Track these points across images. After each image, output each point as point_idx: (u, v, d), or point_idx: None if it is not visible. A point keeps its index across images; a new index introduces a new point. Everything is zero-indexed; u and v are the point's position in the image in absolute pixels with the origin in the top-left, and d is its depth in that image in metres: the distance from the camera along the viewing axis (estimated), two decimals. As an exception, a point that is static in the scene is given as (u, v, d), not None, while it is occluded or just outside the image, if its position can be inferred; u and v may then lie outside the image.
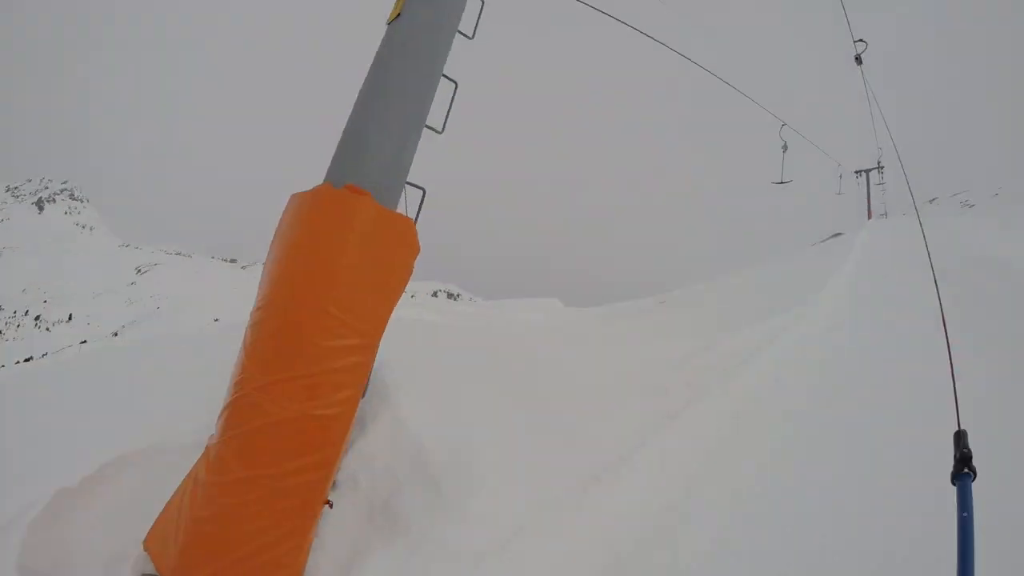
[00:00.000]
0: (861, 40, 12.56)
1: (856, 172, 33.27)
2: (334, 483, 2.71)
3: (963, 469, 1.56)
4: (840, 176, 27.86)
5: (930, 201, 29.49)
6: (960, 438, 1.67)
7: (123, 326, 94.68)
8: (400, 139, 2.85)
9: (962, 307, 6.86)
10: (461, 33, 3.27)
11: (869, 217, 32.21)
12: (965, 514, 1.40)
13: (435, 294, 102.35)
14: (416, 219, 2.91)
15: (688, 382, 4.29)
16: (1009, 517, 2.52)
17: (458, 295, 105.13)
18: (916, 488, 3.02)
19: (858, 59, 12.76)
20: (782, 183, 15.52)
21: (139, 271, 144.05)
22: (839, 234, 27.02)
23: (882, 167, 32.93)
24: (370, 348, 2.58)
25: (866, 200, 32.72)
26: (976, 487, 1.52)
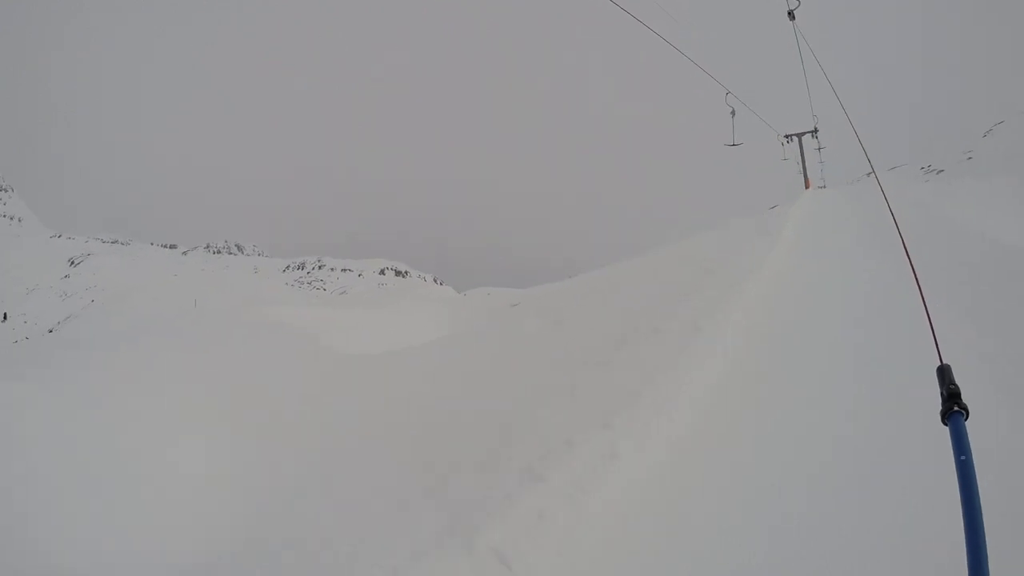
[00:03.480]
0: None
1: (786, 136, 29.83)
2: None
3: (953, 407, 1.42)
4: (782, 143, 26.67)
5: (890, 168, 28.70)
6: (944, 373, 1.54)
7: (58, 322, 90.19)
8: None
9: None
10: None
11: (806, 187, 29.95)
12: (963, 457, 1.24)
13: (383, 271, 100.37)
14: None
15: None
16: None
17: (406, 272, 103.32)
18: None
19: (791, 14, 12.63)
20: (734, 145, 17.67)
21: (72, 263, 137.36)
22: (775, 206, 26.82)
23: (817, 131, 30.26)
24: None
25: (801, 168, 30.42)
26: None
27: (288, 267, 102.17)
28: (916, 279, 2.39)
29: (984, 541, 1.06)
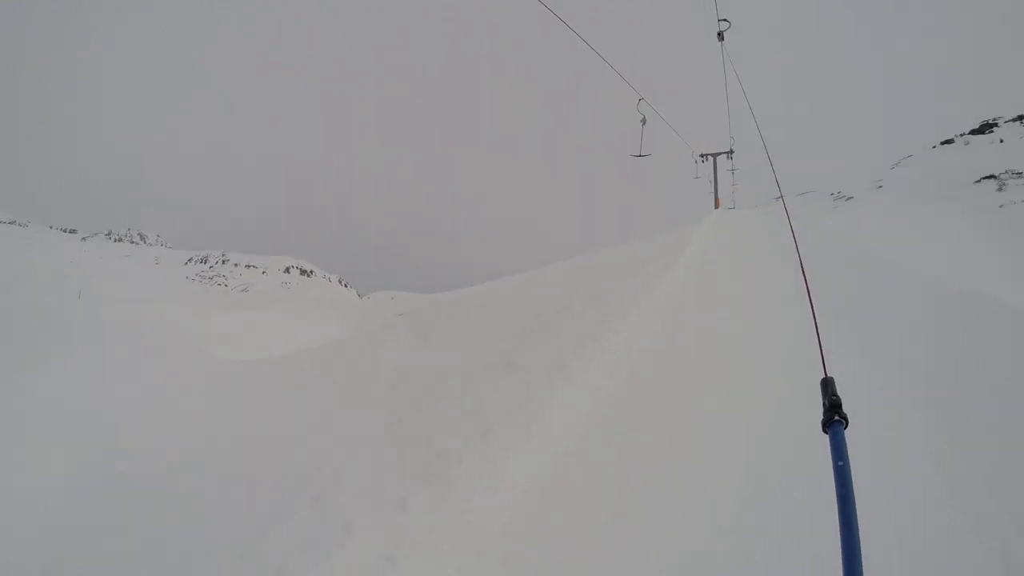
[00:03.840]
0: (725, 20, 12.51)
1: (701, 156, 30.14)
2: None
3: (834, 417, 1.45)
4: (695, 161, 26.66)
5: (799, 194, 29.23)
6: (827, 385, 1.58)
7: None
8: None
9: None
10: None
11: (716, 207, 30.14)
12: (841, 463, 1.30)
13: (287, 270, 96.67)
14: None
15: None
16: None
17: (311, 272, 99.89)
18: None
19: (720, 36, 12.79)
20: (641, 155, 15.23)
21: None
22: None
23: (732, 152, 30.52)
24: None
25: (713, 188, 30.52)
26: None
27: (191, 259, 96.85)
28: (808, 295, 2.38)
29: (858, 539, 1.15)
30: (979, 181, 18.06)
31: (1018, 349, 4.97)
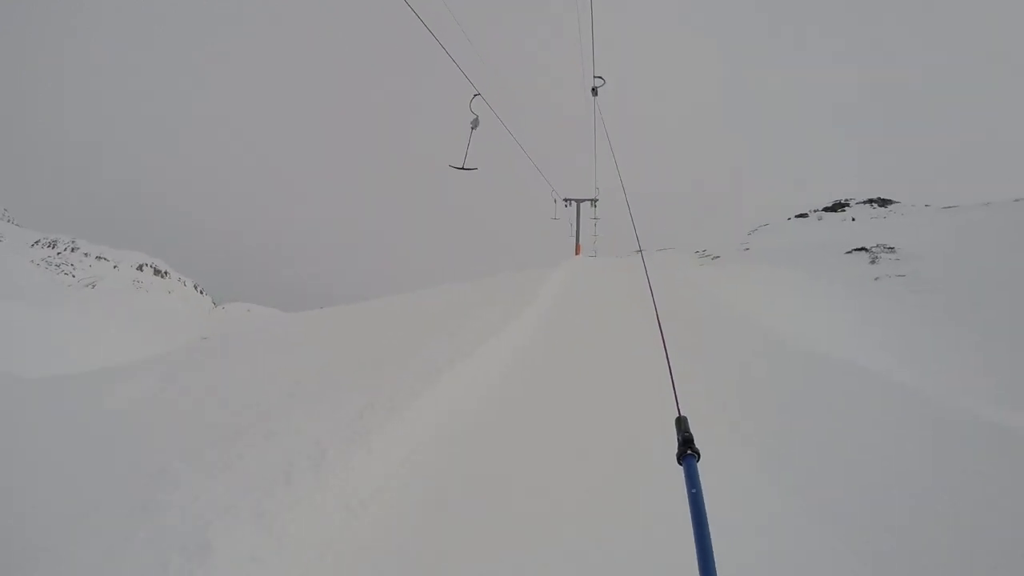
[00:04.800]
0: (600, 77, 13.53)
1: (565, 200, 30.00)
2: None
3: (687, 451, 1.64)
4: (554, 200, 26.32)
5: (659, 250, 29.45)
6: (681, 423, 1.79)
7: None
8: None
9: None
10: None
11: (576, 253, 30.00)
12: (694, 490, 1.47)
13: (141, 267, 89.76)
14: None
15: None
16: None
17: (166, 273, 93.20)
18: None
19: (594, 91, 13.95)
20: (463, 169, 11.41)
21: None
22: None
23: (596, 200, 30.72)
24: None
25: (575, 234, 30.42)
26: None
27: (38, 242, 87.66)
28: (663, 342, 2.60)
29: (712, 556, 1.31)
30: (850, 252, 18.44)
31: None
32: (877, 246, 18.15)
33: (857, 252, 18.25)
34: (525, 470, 4.23)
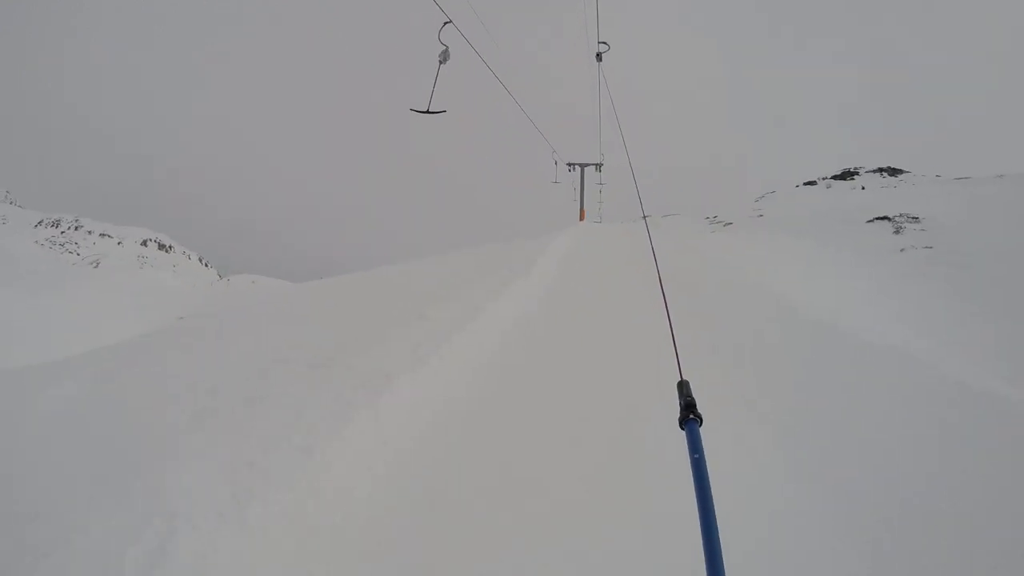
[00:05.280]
0: (604, 42, 13.44)
1: (569, 165, 29.32)
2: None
3: (689, 415, 1.60)
4: (555, 163, 25.57)
5: (664, 216, 28.63)
6: (683, 387, 1.74)
7: None
8: None
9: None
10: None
11: (581, 219, 29.22)
12: (696, 456, 1.45)
13: (145, 243, 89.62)
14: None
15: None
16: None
17: (170, 247, 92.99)
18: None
19: (599, 56, 13.91)
20: (429, 112, 9.14)
21: None
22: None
23: (601, 165, 29.96)
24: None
25: (579, 199, 29.69)
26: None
27: (41, 222, 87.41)
28: (666, 305, 2.46)
29: (715, 522, 1.28)
30: (872, 221, 17.57)
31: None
32: (900, 215, 17.35)
33: (879, 221, 17.31)
34: (524, 453, 3.90)
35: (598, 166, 30.24)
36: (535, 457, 3.82)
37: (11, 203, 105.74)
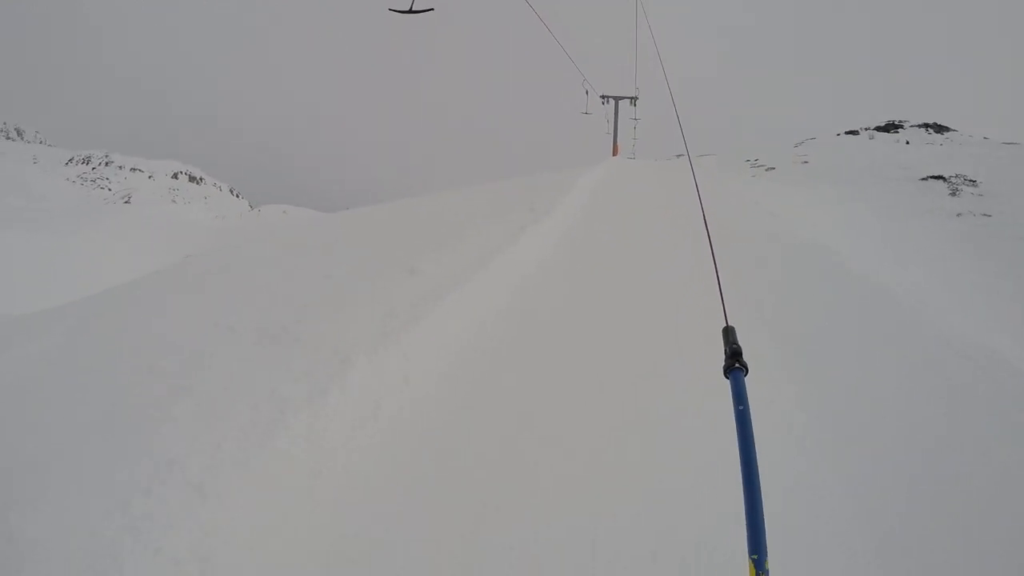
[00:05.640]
0: None
1: (603, 97, 28.10)
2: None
3: (734, 364, 1.48)
4: (586, 92, 24.68)
5: (699, 156, 27.27)
6: (728, 334, 1.61)
7: None
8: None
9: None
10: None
11: (614, 154, 27.81)
12: (741, 407, 1.33)
13: (176, 175, 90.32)
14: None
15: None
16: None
17: (201, 179, 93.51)
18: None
19: None
20: (412, 12, 8.00)
21: None
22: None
23: (636, 99, 28.57)
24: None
25: (613, 133, 28.22)
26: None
27: (72, 160, 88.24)
28: (712, 252, 2.27)
29: (758, 475, 1.18)
30: (925, 180, 16.29)
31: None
32: (956, 176, 16.00)
33: (933, 180, 16.06)
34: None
35: (633, 100, 28.69)
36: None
37: (41, 142, 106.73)
